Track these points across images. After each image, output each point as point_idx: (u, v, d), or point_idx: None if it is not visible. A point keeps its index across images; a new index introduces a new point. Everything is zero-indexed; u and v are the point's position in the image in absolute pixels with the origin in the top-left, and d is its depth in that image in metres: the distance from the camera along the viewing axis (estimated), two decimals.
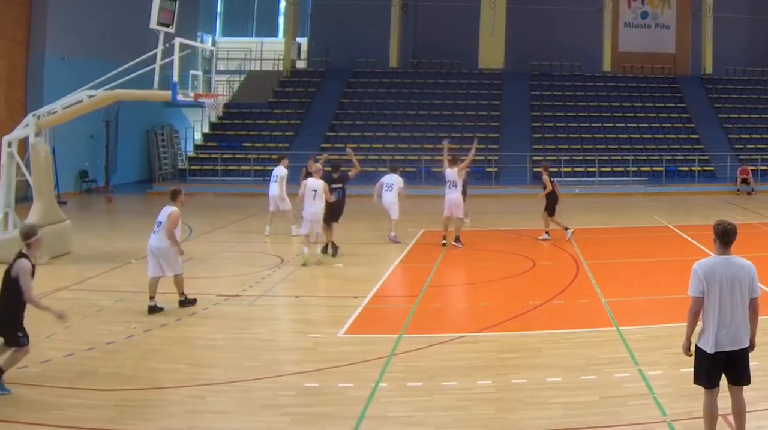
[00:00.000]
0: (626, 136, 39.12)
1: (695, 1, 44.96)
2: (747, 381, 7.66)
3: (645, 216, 26.61)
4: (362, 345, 11.56)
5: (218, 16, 50.90)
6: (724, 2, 43.51)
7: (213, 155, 37.42)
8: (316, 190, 17.96)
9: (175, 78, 18.11)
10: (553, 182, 21.36)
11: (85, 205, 31.41)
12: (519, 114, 40.39)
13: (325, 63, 44.67)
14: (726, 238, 7.63)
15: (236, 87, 45.09)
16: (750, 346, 7.66)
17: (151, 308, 13.46)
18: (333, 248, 19.09)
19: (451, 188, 20.06)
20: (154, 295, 13.55)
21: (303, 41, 46.97)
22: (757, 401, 8.56)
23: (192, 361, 11.02)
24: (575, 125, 39.72)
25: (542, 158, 36.32)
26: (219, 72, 45.83)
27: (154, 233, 13.62)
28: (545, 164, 22.39)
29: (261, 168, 35.09)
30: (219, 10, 50.88)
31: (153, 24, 18.46)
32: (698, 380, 7.72)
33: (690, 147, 38.25)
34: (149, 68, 18.38)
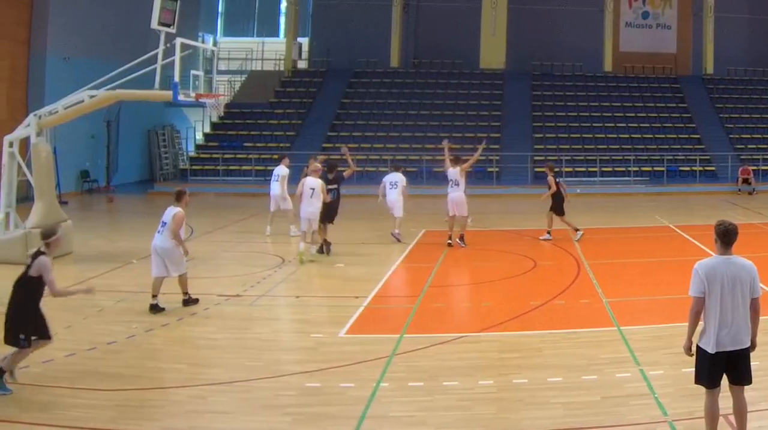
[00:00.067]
0: (627, 136, 39.09)
1: (696, 1, 44.92)
2: (748, 381, 7.66)
3: (646, 216, 26.60)
4: (363, 345, 11.56)
5: (219, 16, 50.94)
6: (726, 2, 43.48)
7: (214, 155, 37.43)
8: (314, 188, 18.08)
9: (176, 78, 18.11)
10: (559, 182, 21.31)
11: (87, 205, 31.40)
12: (520, 114, 40.37)
13: (326, 63, 44.67)
14: (727, 238, 7.63)
15: (237, 87, 45.10)
16: (751, 346, 7.67)
17: (153, 307, 13.49)
18: (326, 246, 19.17)
19: (454, 188, 20.06)
20: (157, 293, 13.58)
21: (304, 41, 46.97)
22: (758, 401, 8.56)
23: (193, 361, 11.02)
24: (576, 125, 39.71)
25: (544, 158, 36.34)
26: (220, 72, 45.93)
27: (159, 233, 13.64)
28: (550, 165, 22.32)
29: (262, 168, 35.10)
30: (220, 10, 50.93)
31: (154, 24, 18.47)
32: (699, 380, 7.72)
33: (691, 147, 38.23)
34: (150, 68, 18.38)
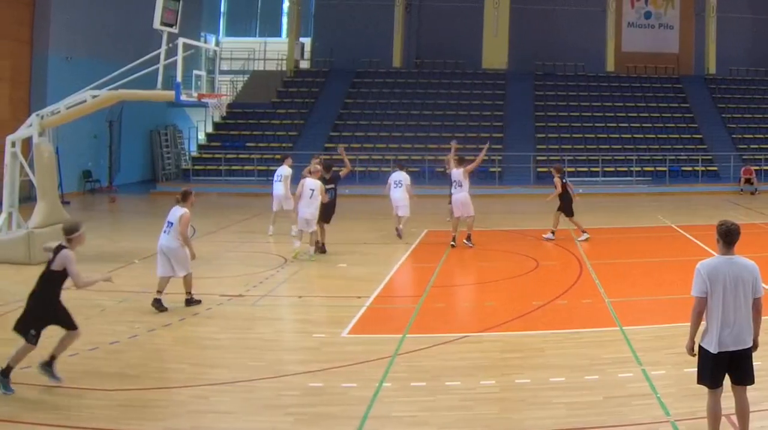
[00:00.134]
0: (630, 136, 39.08)
1: (699, 1, 44.90)
2: (751, 381, 7.66)
3: (648, 216, 26.58)
4: (366, 345, 11.55)
5: (222, 16, 50.96)
6: (728, 2, 43.44)
7: (216, 155, 37.45)
8: (314, 190, 18.17)
9: (179, 78, 18.12)
10: (566, 183, 21.28)
11: (89, 205, 31.40)
12: (523, 114, 40.36)
13: (329, 63, 44.68)
14: (729, 238, 7.63)
15: (240, 87, 45.11)
16: (753, 346, 7.67)
17: (157, 301, 13.53)
18: (321, 247, 19.27)
19: (458, 189, 20.01)
20: (162, 290, 13.64)
21: (306, 41, 46.94)
22: (761, 401, 8.55)
23: (196, 361, 11.02)
24: (579, 125, 39.70)
25: (546, 158, 36.41)
26: (222, 72, 46.00)
27: (165, 233, 13.64)
28: (557, 166, 22.30)
29: (264, 168, 35.10)
30: (222, 10, 50.95)
31: (156, 24, 18.48)
32: (702, 380, 7.71)
33: (693, 147, 38.22)
34: (153, 68, 18.39)
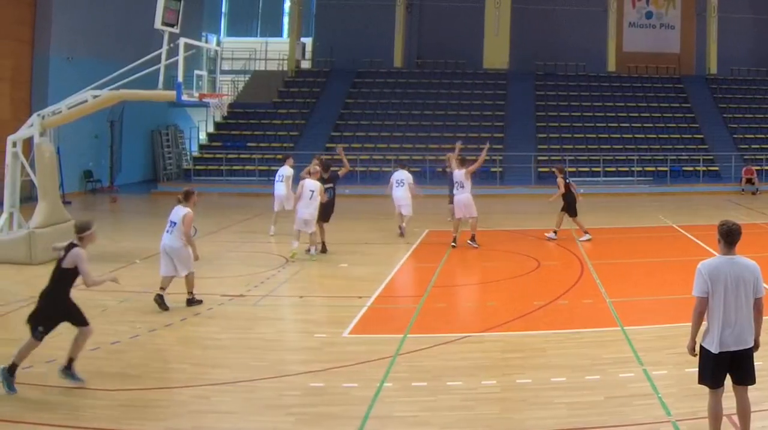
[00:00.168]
0: (631, 136, 39.06)
1: (700, 1, 44.88)
2: (752, 381, 7.66)
3: (649, 216, 26.56)
4: (367, 345, 11.56)
5: (223, 16, 50.99)
6: (729, 2, 43.39)
7: (218, 155, 37.45)
8: (313, 191, 18.23)
9: (180, 78, 18.11)
10: (569, 183, 21.27)
11: (90, 205, 31.39)
12: (524, 114, 40.33)
13: (330, 63, 44.66)
14: (730, 238, 7.63)
15: (241, 87, 45.10)
16: (754, 346, 7.67)
17: (159, 297, 13.58)
18: (322, 246, 19.29)
19: (460, 190, 19.93)
20: (166, 287, 13.70)
21: (307, 41, 46.93)
22: (762, 401, 8.55)
23: (197, 361, 11.03)
24: (580, 125, 39.67)
25: (547, 158, 36.39)
26: (224, 72, 45.96)
27: (167, 233, 13.68)
28: (559, 166, 22.30)
29: (266, 168, 35.13)
30: (224, 10, 50.97)
31: (158, 24, 18.47)
32: (703, 380, 7.71)
33: (695, 147, 38.18)
34: (154, 68, 18.39)
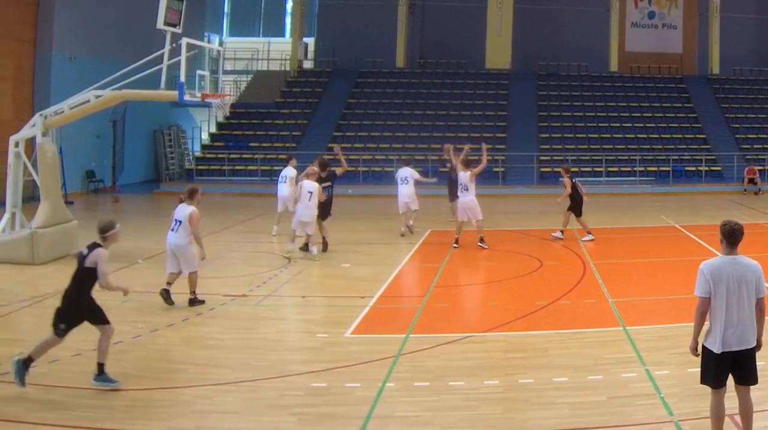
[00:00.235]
0: (633, 136, 39.04)
1: (702, 1, 44.86)
2: (754, 381, 7.66)
3: (652, 216, 26.54)
4: (369, 345, 11.56)
5: (225, 16, 51.03)
6: (732, 2, 43.36)
7: (220, 155, 37.44)
8: (312, 192, 18.32)
9: (182, 78, 18.11)
10: (576, 183, 21.25)
11: (92, 205, 31.40)
12: (526, 114, 40.31)
13: (332, 63, 44.67)
14: (733, 238, 7.62)
15: (243, 87, 45.10)
16: (757, 345, 7.67)
17: (165, 292, 13.72)
18: (324, 244, 19.44)
19: (464, 192, 19.83)
20: (172, 282, 13.84)
21: (310, 41, 46.99)
22: (765, 401, 8.53)
23: (199, 361, 11.03)
24: (582, 125, 39.66)
25: (549, 158, 36.41)
26: (226, 72, 45.95)
27: (173, 231, 13.77)
28: (565, 167, 22.28)
29: (268, 168, 35.16)
30: (226, 10, 51.02)
31: (160, 24, 18.46)
32: (705, 380, 7.71)
33: (697, 147, 38.15)
34: (156, 68, 18.39)
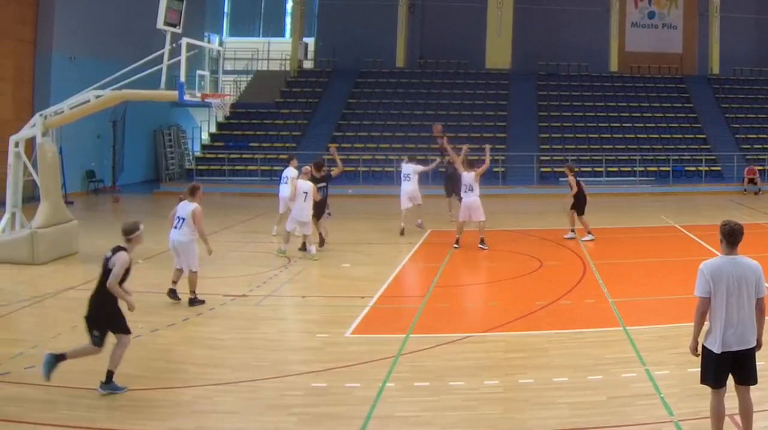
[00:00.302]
0: (633, 136, 39.02)
1: (702, 1, 44.84)
2: (754, 381, 7.66)
3: (652, 216, 26.53)
4: (369, 345, 11.57)
5: (225, 16, 51.01)
6: (732, 2, 43.34)
7: (220, 155, 37.41)
8: (307, 192, 18.40)
9: (182, 78, 18.12)
10: (579, 182, 21.28)
11: (92, 205, 31.42)
12: (526, 114, 40.30)
13: (332, 63, 44.66)
14: (733, 238, 7.62)
15: (243, 87, 45.08)
16: (757, 345, 7.67)
17: (172, 292, 13.92)
18: (321, 241, 19.67)
19: (468, 193, 19.80)
20: (177, 281, 14.00)
21: (310, 41, 46.97)
22: (764, 401, 8.54)
23: (199, 361, 11.04)
24: (582, 125, 39.64)
25: (549, 158, 36.40)
26: (226, 72, 45.98)
27: (176, 229, 13.89)
28: (569, 165, 22.25)
29: (268, 168, 35.16)
30: (226, 10, 50.99)
31: (160, 24, 18.46)
32: (705, 380, 7.71)
33: (697, 147, 38.13)
34: (156, 68, 18.39)
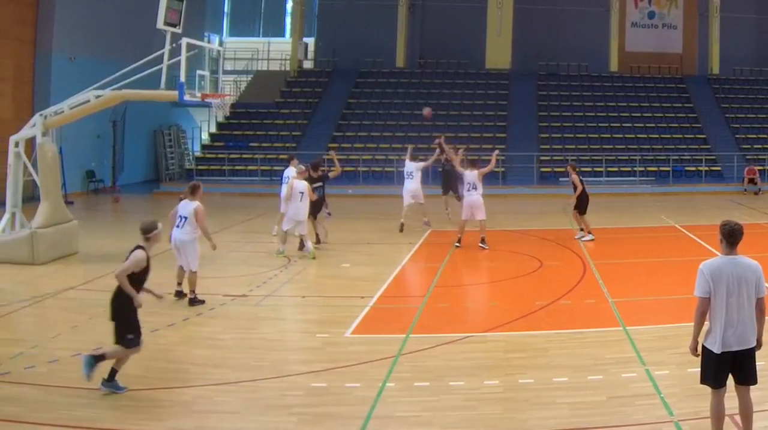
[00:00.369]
0: (633, 136, 39.02)
1: (702, 1, 44.84)
2: (754, 381, 7.66)
3: (652, 216, 26.53)
4: (369, 345, 11.57)
5: (225, 16, 51.01)
6: (732, 2, 43.33)
7: (220, 155, 37.41)
8: (303, 192, 18.50)
9: (182, 78, 18.11)
10: (582, 181, 21.24)
11: (92, 205, 31.42)
12: (526, 114, 40.29)
13: (332, 63, 44.66)
14: (732, 238, 7.62)
15: (243, 87, 45.08)
16: (757, 345, 7.66)
17: (178, 293, 14.01)
18: (317, 238, 19.90)
19: (471, 191, 19.78)
20: (181, 281, 14.08)
21: (310, 41, 46.97)
22: (764, 401, 8.53)
23: (199, 361, 11.04)
24: (582, 125, 39.64)
25: (549, 158, 36.40)
26: (226, 72, 45.95)
27: (178, 228, 13.96)
28: (572, 164, 22.15)
29: (268, 168, 35.17)
30: (226, 10, 51.00)
31: (160, 24, 18.46)
32: (705, 380, 7.71)
33: (697, 147, 38.12)
34: (156, 68, 18.39)
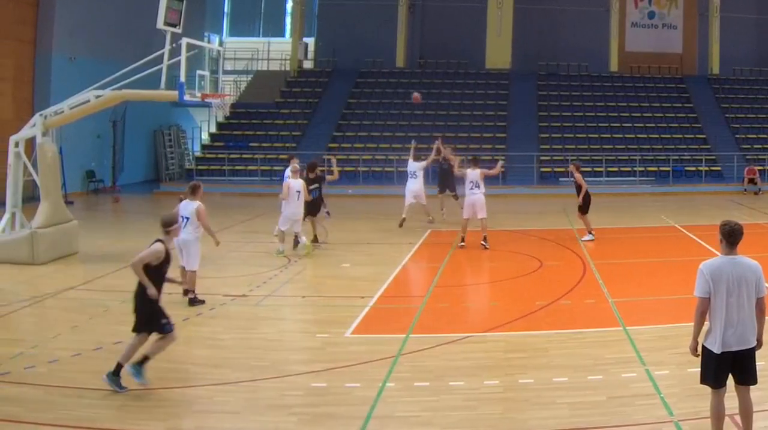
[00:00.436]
0: (633, 136, 39.01)
1: (702, 1, 44.84)
2: (754, 381, 7.65)
3: (652, 216, 26.53)
4: (369, 345, 11.57)
5: (225, 16, 51.02)
6: (732, 2, 43.33)
7: (220, 155, 37.41)
8: (299, 191, 18.64)
9: (182, 78, 18.11)
10: (584, 180, 21.20)
11: (92, 205, 31.43)
12: (526, 114, 40.29)
13: (332, 63, 44.66)
14: (732, 238, 7.62)
15: (243, 87, 45.08)
16: (757, 345, 7.66)
17: (185, 292, 13.99)
18: (314, 238, 20.06)
19: (474, 190, 19.77)
20: (185, 281, 13.98)
21: (310, 41, 46.98)
22: (764, 401, 8.53)
23: (199, 361, 11.04)
24: (582, 125, 39.64)
25: (549, 158, 36.40)
26: (226, 72, 45.95)
27: (180, 228, 13.89)
28: (576, 163, 22.05)
29: (268, 168, 35.18)
30: (226, 10, 51.01)
31: (160, 24, 18.46)
32: (705, 380, 7.71)
33: (697, 147, 38.12)
34: (156, 68, 18.40)
